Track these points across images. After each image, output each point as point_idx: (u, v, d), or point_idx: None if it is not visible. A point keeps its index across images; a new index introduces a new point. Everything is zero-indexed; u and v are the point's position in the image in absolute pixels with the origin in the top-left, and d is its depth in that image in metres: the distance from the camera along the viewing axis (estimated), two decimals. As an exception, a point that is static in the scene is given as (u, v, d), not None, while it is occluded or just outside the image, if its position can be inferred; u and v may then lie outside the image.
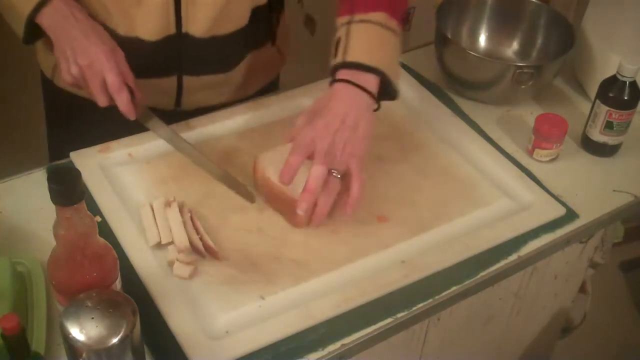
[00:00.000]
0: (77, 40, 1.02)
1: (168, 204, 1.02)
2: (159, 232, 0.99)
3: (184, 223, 1.00)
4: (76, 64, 1.02)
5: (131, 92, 1.05)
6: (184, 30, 1.11)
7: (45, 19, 1.03)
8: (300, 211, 0.99)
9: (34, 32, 1.05)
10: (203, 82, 1.20)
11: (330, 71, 1.05)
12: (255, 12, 1.17)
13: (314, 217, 1.02)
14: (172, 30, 1.11)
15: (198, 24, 1.11)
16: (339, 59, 1.03)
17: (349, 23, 1.05)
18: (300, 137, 1.00)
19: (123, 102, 1.04)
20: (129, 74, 1.05)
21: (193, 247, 0.98)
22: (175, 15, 1.09)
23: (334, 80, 1.03)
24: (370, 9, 1.05)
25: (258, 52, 1.25)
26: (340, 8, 1.09)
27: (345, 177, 1.00)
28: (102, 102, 1.04)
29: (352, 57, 1.02)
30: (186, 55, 1.14)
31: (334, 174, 0.99)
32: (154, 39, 1.11)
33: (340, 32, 1.06)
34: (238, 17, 1.15)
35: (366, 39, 1.05)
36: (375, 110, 1.05)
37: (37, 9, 1.02)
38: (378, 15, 1.05)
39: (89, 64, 1.01)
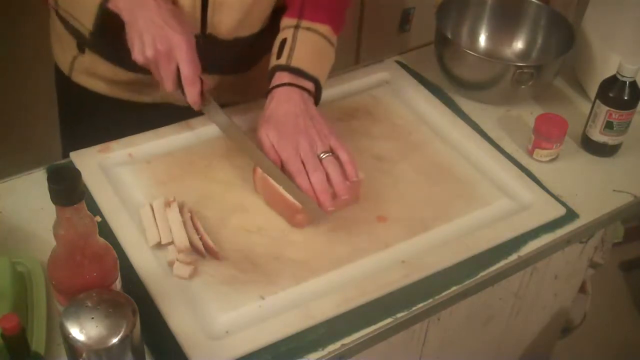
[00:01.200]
0: (156, 25, 1.00)
1: (168, 204, 1.02)
2: (159, 232, 0.99)
3: (184, 223, 1.00)
4: (153, 48, 1.00)
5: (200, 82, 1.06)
6: (208, 31, 1.13)
7: (119, 2, 1.01)
8: (331, 208, 1.02)
9: (105, 22, 1.04)
10: (220, 81, 1.23)
11: (271, 69, 1.11)
12: (275, 14, 1.19)
13: (339, 195, 1.03)
14: (197, 31, 1.12)
15: (222, 27, 1.13)
16: (282, 60, 1.10)
17: (296, 27, 1.12)
18: (285, 152, 1.03)
19: (194, 95, 1.04)
20: (198, 64, 1.04)
21: (193, 247, 0.98)
22: (201, 17, 1.11)
23: (277, 85, 1.08)
24: (318, 19, 1.13)
25: None
26: (288, 9, 1.15)
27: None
28: (169, 88, 1.04)
29: (296, 63, 1.09)
30: (208, 55, 1.15)
31: (324, 156, 1.03)
32: None
33: (286, 34, 1.12)
34: (260, 20, 1.18)
35: (311, 48, 1.11)
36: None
37: None
38: (323, 28, 1.13)
39: (167, 51, 1.00)
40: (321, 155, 1.04)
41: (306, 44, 1.11)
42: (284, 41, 1.11)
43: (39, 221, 1.02)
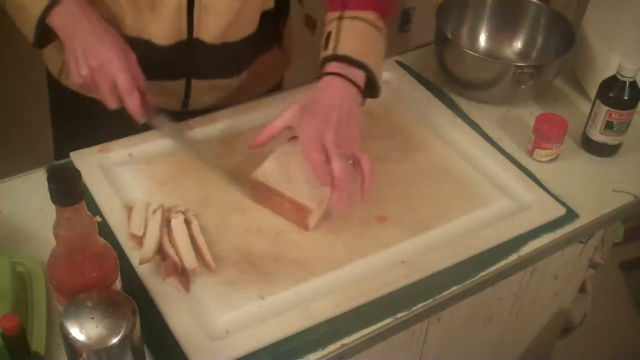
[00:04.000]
0: (88, 42, 1.00)
1: (153, 211, 1.00)
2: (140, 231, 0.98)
3: (182, 236, 0.98)
4: (86, 65, 1.00)
5: (142, 94, 1.03)
6: (195, 36, 1.12)
7: (56, 20, 1.01)
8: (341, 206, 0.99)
9: (45, 35, 1.04)
10: (211, 85, 1.22)
11: (320, 63, 1.07)
12: (264, 17, 1.18)
13: (341, 203, 0.99)
14: (184, 36, 1.11)
15: (209, 31, 1.12)
16: (329, 51, 1.05)
17: (340, 18, 1.08)
18: (306, 133, 0.99)
19: (133, 104, 1.02)
20: (140, 77, 1.03)
21: (162, 257, 0.95)
22: (187, 21, 1.10)
23: (325, 73, 1.04)
24: (361, 7, 1.08)
25: (265, 56, 1.25)
26: (331, 4, 1.11)
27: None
28: (111, 104, 1.02)
29: (342, 50, 1.04)
30: (196, 60, 1.15)
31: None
32: (166, 44, 1.12)
33: (331, 27, 1.08)
34: (248, 24, 1.17)
35: (356, 34, 1.07)
36: (361, 105, 1.06)
37: (48, 10, 1.01)
38: (368, 14, 1.08)
39: (99, 65, 1.00)
40: None
41: (351, 31, 1.07)
42: (329, 34, 1.07)
43: (39, 221, 1.02)
